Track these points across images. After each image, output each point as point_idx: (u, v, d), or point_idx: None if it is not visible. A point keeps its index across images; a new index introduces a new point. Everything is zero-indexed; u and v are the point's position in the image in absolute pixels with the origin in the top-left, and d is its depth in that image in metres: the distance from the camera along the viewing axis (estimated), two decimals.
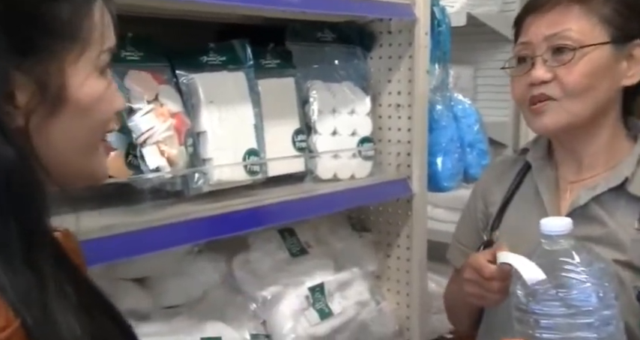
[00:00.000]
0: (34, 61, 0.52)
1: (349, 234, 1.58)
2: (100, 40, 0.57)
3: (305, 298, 1.34)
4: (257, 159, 1.23)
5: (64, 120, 0.55)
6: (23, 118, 0.52)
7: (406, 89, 1.49)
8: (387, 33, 1.50)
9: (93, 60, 0.56)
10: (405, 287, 1.61)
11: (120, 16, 1.22)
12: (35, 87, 0.52)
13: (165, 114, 1.07)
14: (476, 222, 1.29)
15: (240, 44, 1.24)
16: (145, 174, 1.04)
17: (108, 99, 0.58)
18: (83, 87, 0.55)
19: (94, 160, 0.60)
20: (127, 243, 1.01)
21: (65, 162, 0.57)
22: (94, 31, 0.56)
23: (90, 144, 0.59)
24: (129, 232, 1.00)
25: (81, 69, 0.55)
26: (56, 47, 0.53)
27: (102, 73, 0.58)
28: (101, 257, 0.98)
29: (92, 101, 0.56)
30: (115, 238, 0.99)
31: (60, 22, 0.54)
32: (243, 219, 1.18)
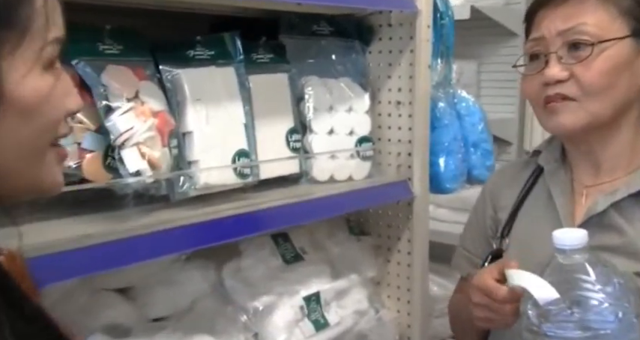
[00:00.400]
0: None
1: (347, 238, 1.50)
2: (43, 29, 0.49)
3: (299, 308, 1.26)
4: (248, 160, 1.15)
5: (3, 122, 0.47)
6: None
7: (407, 85, 1.40)
8: (387, 26, 1.42)
9: (35, 52, 0.48)
10: (406, 293, 1.53)
11: (103, 6, 1.15)
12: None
13: (146, 113, 0.99)
14: (484, 228, 1.21)
15: (230, 37, 1.15)
16: (124, 178, 0.95)
17: (55, 99, 0.51)
18: (23, 83, 0.48)
19: (42, 169, 0.52)
20: (107, 253, 0.93)
21: (6, 171, 0.49)
22: (36, 19, 0.48)
23: (36, 151, 0.51)
24: (109, 242, 0.93)
25: (20, 62, 0.47)
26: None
27: (47, 68, 0.50)
28: (78, 270, 0.91)
29: (34, 100, 0.49)
30: (94, 248, 0.91)
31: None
32: (234, 226, 1.11)
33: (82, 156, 0.97)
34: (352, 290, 1.40)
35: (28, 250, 0.81)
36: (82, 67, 0.94)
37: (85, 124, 0.97)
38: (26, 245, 0.81)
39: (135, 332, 1.12)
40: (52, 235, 0.89)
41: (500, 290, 0.91)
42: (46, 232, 0.91)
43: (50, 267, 0.86)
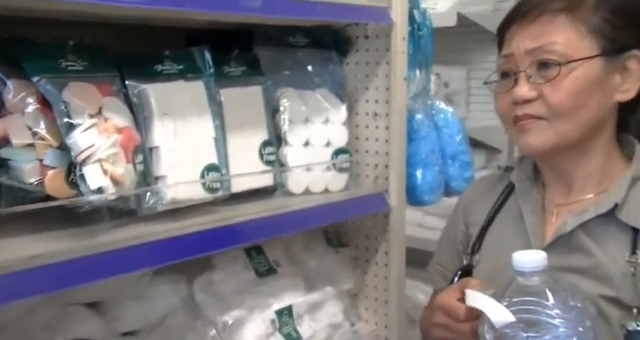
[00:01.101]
0: None
1: (324, 250, 1.49)
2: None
3: (271, 322, 1.26)
4: (217, 175, 1.14)
5: None
6: None
7: (384, 97, 1.40)
8: (364, 37, 1.41)
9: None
10: (383, 305, 1.52)
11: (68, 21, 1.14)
12: None
13: (109, 130, 0.98)
14: (455, 243, 1.21)
15: (198, 51, 1.14)
16: (85, 195, 0.95)
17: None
18: None
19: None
20: (72, 270, 0.92)
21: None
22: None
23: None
24: (74, 259, 0.91)
25: None
26: None
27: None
28: (43, 288, 0.90)
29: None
30: (58, 265, 0.90)
31: None
32: (204, 241, 1.09)
33: (44, 172, 0.96)
34: (327, 303, 1.39)
35: None
36: (43, 85, 0.93)
37: (47, 141, 0.96)
38: None
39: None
40: (13, 252, 0.88)
41: (460, 309, 0.90)
42: (8, 249, 0.91)
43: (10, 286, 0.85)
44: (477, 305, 0.83)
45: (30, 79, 0.93)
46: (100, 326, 1.16)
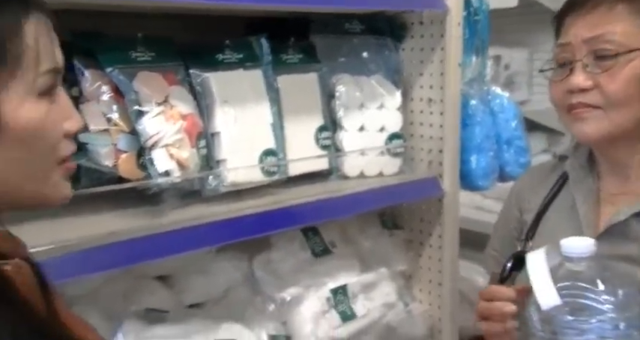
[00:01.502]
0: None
1: (379, 232, 1.53)
2: (34, 63, 0.54)
3: (326, 300, 1.31)
4: (274, 159, 1.20)
5: (2, 149, 0.52)
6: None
7: (438, 83, 1.41)
8: (419, 23, 1.42)
9: (28, 84, 0.53)
10: (437, 287, 1.55)
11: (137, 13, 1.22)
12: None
13: (175, 117, 1.05)
14: (510, 229, 1.22)
15: (257, 41, 1.20)
16: (154, 177, 1.03)
17: (51, 123, 0.56)
18: (18, 113, 0.52)
19: (47, 186, 0.57)
20: (145, 246, 1.00)
21: (13, 190, 0.55)
22: (26, 54, 0.53)
23: (39, 172, 0.56)
24: (147, 236, 1.00)
25: (13, 94, 0.52)
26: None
27: (42, 97, 0.55)
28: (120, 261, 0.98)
29: (29, 127, 0.53)
30: (133, 242, 0.98)
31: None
32: (264, 222, 1.15)
33: (117, 156, 1.05)
34: (381, 284, 1.43)
35: (71, 244, 0.91)
36: (116, 75, 1.01)
37: (120, 127, 1.04)
38: (68, 239, 0.91)
39: (171, 317, 1.20)
40: (93, 229, 0.97)
41: (502, 288, 0.92)
42: (88, 226, 1.00)
43: (92, 259, 0.94)
44: (531, 278, 0.84)
45: (104, 69, 1.02)
46: (168, 298, 1.25)
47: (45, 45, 0.55)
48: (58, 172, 0.58)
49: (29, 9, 0.54)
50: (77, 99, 1.02)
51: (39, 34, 0.54)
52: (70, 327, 0.61)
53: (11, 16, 0.53)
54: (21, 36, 0.53)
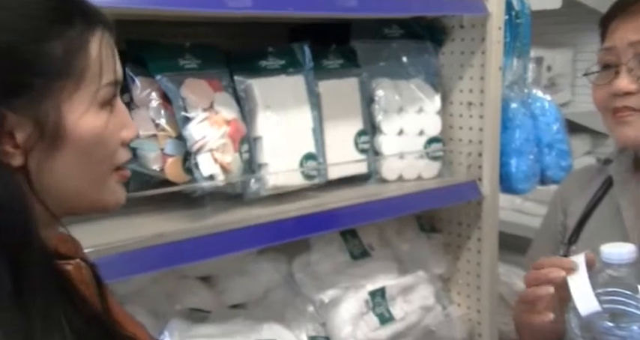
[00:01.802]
0: (27, 100, 0.52)
1: (417, 235, 1.54)
2: (97, 76, 0.56)
3: (365, 302, 1.33)
4: (314, 163, 1.22)
5: (65, 157, 0.55)
6: (23, 157, 0.53)
7: (478, 86, 1.41)
8: (459, 27, 1.42)
9: (90, 95, 0.56)
10: (476, 291, 1.55)
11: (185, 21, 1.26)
12: (32, 126, 0.53)
13: (219, 122, 1.08)
14: (554, 233, 1.21)
15: (299, 47, 1.22)
16: (199, 181, 1.06)
17: (109, 133, 0.58)
18: (80, 123, 0.55)
19: (104, 192, 0.60)
20: (191, 248, 1.03)
21: (72, 196, 0.58)
22: (91, 67, 0.56)
23: (97, 178, 0.59)
24: (192, 238, 1.03)
25: (76, 105, 0.55)
26: (49, 85, 0.54)
27: (102, 107, 0.58)
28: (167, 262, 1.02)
29: (90, 137, 0.56)
30: (179, 243, 1.01)
31: (51, 61, 0.54)
32: (304, 225, 1.17)
33: (164, 160, 1.09)
34: (419, 286, 1.44)
35: (120, 245, 0.95)
36: (164, 82, 1.05)
37: (167, 132, 1.08)
38: (118, 240, 0.96)
39: (213, 317, 1.23)
40: (142, 230, 1.01)
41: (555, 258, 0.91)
42: (136, 227, 1.04)
43: (140, 259, 0.98)
44: (571, 285, 0.84)
45: (153, 76, 1.06)
46: (210, 298, 1.28)
47: (107, 58, 0.58)
48: (114, 179, 0.61)
49: (95, 24, 0.57)
50: (128, 105, 1.06)
51: (102, 48, 0.57)
52: (122, 324, 0.65)
53: (79, 31, 0.56)
54: (86, 50, 0.56)
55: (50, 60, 0.54)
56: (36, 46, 0.53)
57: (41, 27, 0.53)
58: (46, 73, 0.53)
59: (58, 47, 0.54)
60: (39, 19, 0.53)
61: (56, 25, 0.54)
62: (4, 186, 0.51)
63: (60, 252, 0.62)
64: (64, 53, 0.54)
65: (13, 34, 0.52)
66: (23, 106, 0.52)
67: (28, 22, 0.53)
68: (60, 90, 0.54)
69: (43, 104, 0.53)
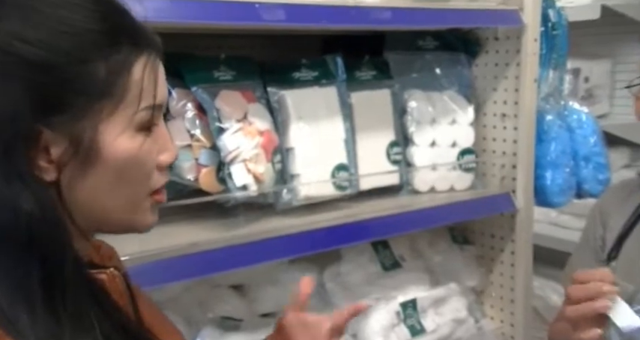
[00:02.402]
0: (66, 118, 0.53)
1: (449, 246, 1.53)
2: (137, 99, 0.56)
3: (396, 314, 1.32)
4: (346, 174, 1.23)
5: (97, 175, 0.55)
6: (56, 172, 0.54)
7: (513, 98, 1.40)
8: (494, 39, 1.42)
9: (128, 117, 0.56)
10: (509, 304, 1.53)
11: (219, 34, 1.28)
12: (67, 143, 0.53)
13: (253, 133, 1.10)
14: (594, 248, 1.18)
15: (332, 59, 1.23)
16: (232, 191, 1.08)
17: (145, 156, 0.58)
18: (115, 144, 0.55)
19: (136, 214, 0.60)
20: (223, 257, 1.04)
21: (101, 214, 0.58)
22: (131, 90, 0.56)
23: (129, 199, 0.59)
24: (225, 247, 1.04)
25: (113, 126, 0.55)
26: (88, 105, 0.54)
27: (139, 130, 0.57)
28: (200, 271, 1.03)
29: (124, 158, 0.56)
30: (212, 252, 1.03)
31: (93, 82, 0.54)
32: (335, 235, 1.17)
33: (198, 170, 1.11)
34: (451, 299, 1.43)
35: (155, 253, 0.97)
36: (200, 93, 1.07)
37: (201, 142, 1.10)
38: (153, 248, 0.98)
39: (245, 325, 1.24)
40: (175, 239, 1.03)
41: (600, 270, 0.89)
42: (170, 236, 1.06)
43: (174, 268, 1.00)
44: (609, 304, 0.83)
45: (189, 88, 1.08)
46: (242, 307, 1.30)
47: (149, 82, 0.57)
48: (148, 202, 0.61)
49: (142, 48, 0.57)
50: (164, 116, 1.09)
51: (146, 71, 0.57)
52: (156, 333, 0.65)
53: (125, 54, 0.56)
54: (129, 73, 0.56)
55: (92, 81, 0.54)
56: (80, 66, 0.53)
57: (88, 49, 0.54)
58: (87, 93, 0.54)
59: (101, 68, 0.54)
60: (87, 42, 0.54)
61: (103, 48, 0.55)
62: (39, 198, 0.52)
63: (94, 262, 0.63)
64: (106, 75, 0.54)
65: (60, 54, 0.53)
66: (61, 124, 0.53)
67: (75, 43, 0.53)
68: (99, 111, 0.54)
69: (81, 123, 0.54)
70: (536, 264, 1.52)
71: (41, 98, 0.52)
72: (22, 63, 0.51)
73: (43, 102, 0.52)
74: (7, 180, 0.51)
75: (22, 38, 0.51)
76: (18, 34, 0.52)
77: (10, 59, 0.51)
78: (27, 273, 0.51)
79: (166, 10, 0.87)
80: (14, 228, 0.51)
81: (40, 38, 0.52)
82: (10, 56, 0.51)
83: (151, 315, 0.69)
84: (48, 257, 0.52)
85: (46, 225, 0.52)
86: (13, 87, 0.51)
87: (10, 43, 0.51)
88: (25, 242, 0.51)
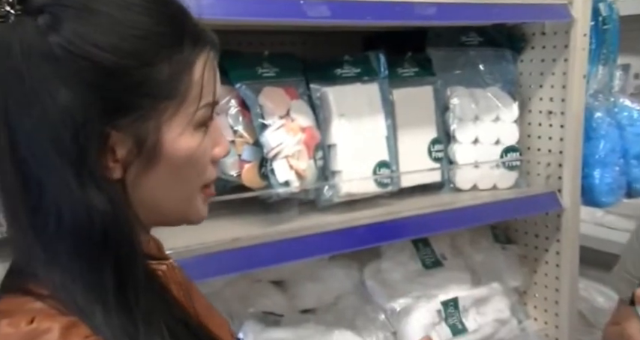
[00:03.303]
0: (132, 120, 0.54)
1: (491, 245, 1.50)
2: (197, 98, 0.57)
3: (437, 312, 1.31)
4: (387, 171, 1.22)
5: (158, 173, 0.57)
6: (121, 171, 0.55)
7: (559, 95, 1.36)
8: (541, 34, 1.38)
9: (189, 116, 0.57)
10: (554, 306, 1.49)
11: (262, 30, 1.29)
12: (132, 143, 0.54)
13: (295, 129, 1.10)
14: None
15: (375, 55, 1.22)
16: (274, 186, 1.08)
17: (202, 152, 0.59)
18: (176, 142, 0.56)
19: (190, 208, 0.62)
20: (265, 252, 1.04)
21: (162, 209, 0.60)
22: (193, 89, 0.57)
23: (186, 194, 0.60)
24: (266, 243, 1.04)
25: (175, 125, 0.56)
26: (154, 106, 0.55)
27: (199, 128, 0.58)
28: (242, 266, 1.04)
29: (184, 156, 0.57)
30: (254, 248, 1.03)
31: (157, 84, 0.55)
32: (376, 232, 1.17)
33: (241, 166, 1.12)
34: (493, 299, 1.41)
35: (195, 248, 0.98)
36: (243, 90, 1.08)
37: (244, 138, 1.11)
38: (192, 244, 0.99)
39: (285, 321, 1.25)
40: (218, 235, 1.04)
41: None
42: (213, 232, 1.07)
43: (216, 263, 1.01)
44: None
45: (232, 84, 1.09)
46: (282, 302, 1.30)
47: (208, 80, 0.58)
48: (200, 196, 0.62)
49: (202, 46, 0.58)
50: None
51: (205, 69, 0.58)
52: (208, 325, 0.66)
53: (187, 54, 0.56)
54: (191, 72, 0.56)
55: (158, 82, 0.55)
56: (147, 69, 0.54)
57: (155, 51, 0.55)
58: (153, 94, 0.55)
59: (165, 70, 0.55)
60: (154, 44, 0.55)
61: (167, 49, 0.55)
62: (111, 198, 0.53)
63: (152, 254, 0.64)
64: (170, 75, 0.55)
65: (129, 58, 0.53)
66: (127, 125, 0.54)
67: (144, 46, 0.54)
68: (163, 111, 0.55)
69: (145, 124, 0.55)
70: (581, 265, 1.48)
71: (110, 101, 0.53)
72: (95, 68, 0.52)
73: (112, 105, 0.53)
74: (81, 182, 0.52)
75: (94, 43, 0.52)
76: (90, 39, 0.52)
77: (83, 65, 0.52)
78: (101, 272, 0.52)
79: (213, 7, 0.88)
80: (89, 228, 0.52)
81: (112, 43, 0.53)
82: (83, 61, 0.52)
83: (203, 306, 0.70)
84: (120, 255, 0.53)
85: (119, 223, 0.54)
86: (85, 93, 0.52)
87: (83, 49, 0.51)
88: (100, 241, 0.52)
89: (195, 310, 0.65)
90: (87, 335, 0.51)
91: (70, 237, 0.52)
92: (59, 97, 0.51)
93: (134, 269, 0.54)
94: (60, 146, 0.51)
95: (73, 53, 0.51)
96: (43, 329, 0.50)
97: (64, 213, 0.52)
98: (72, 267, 0.53)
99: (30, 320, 0.51)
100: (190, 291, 0.67)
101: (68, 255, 0.53)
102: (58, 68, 0.51)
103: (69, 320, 0.51)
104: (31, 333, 0.50)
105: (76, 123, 0.51)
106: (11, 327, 0.51)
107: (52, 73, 0.51)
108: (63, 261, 0.53)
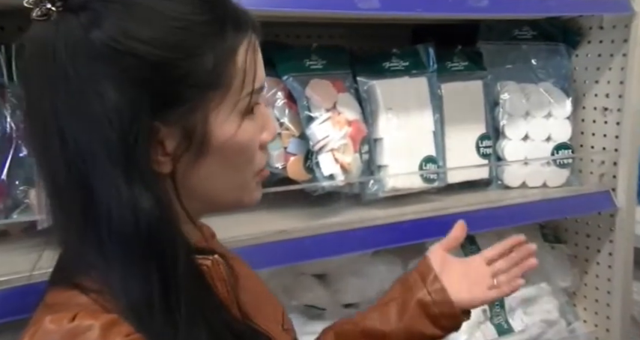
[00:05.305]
0: (179, 111, 0.53)
1: (540, 244, 1.46)
2: (241, 84, 0.57)
3: (482, 311, 1.29)
4: (434, 166, 1.20)
5: (209, 163, 0.57)
6: (171, 164, 0.55)
7: (616, 91, 1.31)
8: (598, 28, 1.33)
9: (234, 104, 0.56)
10: (605, 308, 1.45)
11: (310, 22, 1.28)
12: (181, 136, 0.54)
13: (341, 123, 1.10)
14: None
15: (424, 48, 1.21)
16: (319, 180, 1.08)
17: (249, 138, 0.59)
18: (223, 131, 0.56)
19: (245, 193, 0.62)
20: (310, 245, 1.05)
21: (214, 197, 0.60)
22: (237, 76, 0.56)
23: (239, 182, 0.60)
24: (311, 236, 1.05)
25: (222, 114, 0.56)
26: (199, 97, 0.54)
27: (245, 115, 0.58)
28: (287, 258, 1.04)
29: (232, 144, 0.57)
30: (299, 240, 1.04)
31: (203, 74, 0.54)
32: (421, 228, 1.15)
33: (287, 158, 1.12)
34: (541, 299, 1.37)
35: (242, 240, 0.99)
36: (290, 82, 1.08)
37: (290, 131, 1.11)
38: (238, 235, 0.99)
39: (328, 315, 1.25)
40: (264, 226, 1.04)
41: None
42: (259, 223, 1.08)
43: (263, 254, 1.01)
44: None
45: (280, 76, 1.09)
46: (325, 296, 1.30)
47: (250, 67, 0.57)
48: (255, 180, 0.63)
49: (244, 31, 0.57)
50: None
51: (248, 55, 0.57)
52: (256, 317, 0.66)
53: (230, 41, 0.56)
54: (234, 60, 0.56)
55: (202, 72, 0.54)
56: (193, 59, 0.53)
57: (199, 41, 0.54)
58: (198, 85, 0.54)
59: (209, 59, 0.54)
60: (198, 34, 0.54)
61: (211, 38, 0.55)
62: (158, 197, 0.53)
63: (199, 247, 0.64)
64: (214, 64, 0.55)
65: (175, 51, 0.53)
66: (175, 118, 0.54)
67: (188, 38, 0.54)
68: (209, 101, 0.55)
69: (193, 115, 0.54)
70: (634, 268, 1.43)
71: (157, 96, 0.53)
72: (140, 64, 0.52)
73: (160, 99, 0.53)
74: (129, 182, 0.52)
75: (138, 38, 0.51)
76: (134, 34, 0.51)
77: (129, 61, 0.51)
78: (147, 272, 0.52)
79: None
80: (135, 228, 0.52)
81: (155, 37, 0.52)
82: (129, 58, 0.51)
83: (253, 297, 0.69)
84: (165, 256, 0.53)
85: (164, 224, 0.53)
86: (133, 89, 0.51)
87: (127, 45, 0.51)
88: (145, 241, 0.52)
89: (240, 305, 0.64)
90: (128, 333, 0.51)
91: (119, 236, 0.52)
92: (106, 96, 0.50)
93: (178, 270, 0.54)
94: (109, 144, 0.51)
95: (118, 50, 0.51)
96: (84, 326, 0.50)
97: (113, 212, 0.52)
98: (119, 266, 0.52)
99: (72, 318, 0.51)
100: (238, 283, 0.66)
101: (116, 253, 0.52)
102: (104, 66, 0.51)
103: (110, 318, 0.51)
104: (73, 331, 0.50)
105: (124, 121, 0.51)
106: (54, 324, 0.51)
107: (98, 71, 0.51)
108: (111, 260, 0.53)
